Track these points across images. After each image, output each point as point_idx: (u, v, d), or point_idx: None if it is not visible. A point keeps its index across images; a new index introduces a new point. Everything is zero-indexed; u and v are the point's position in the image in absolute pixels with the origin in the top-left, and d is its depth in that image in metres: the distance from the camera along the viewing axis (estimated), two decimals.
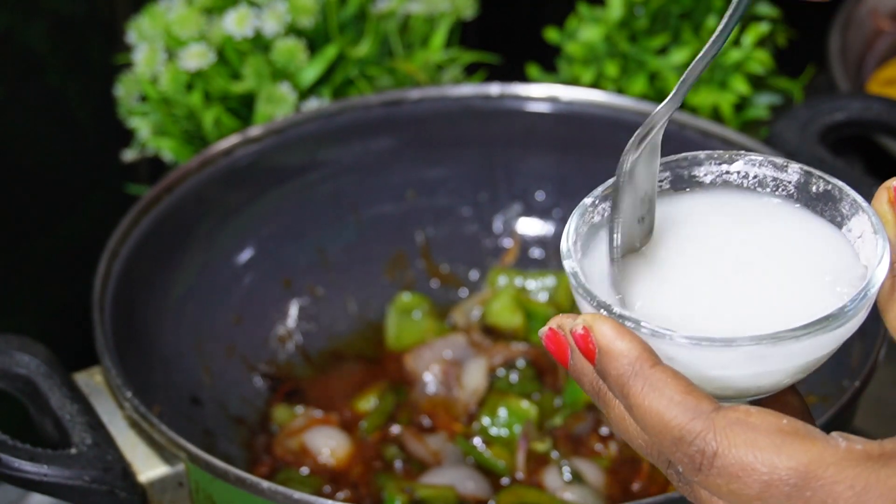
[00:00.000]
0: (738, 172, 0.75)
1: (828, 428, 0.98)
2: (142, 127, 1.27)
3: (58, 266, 1.34)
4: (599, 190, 0.74)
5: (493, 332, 1.22)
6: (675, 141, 1.21)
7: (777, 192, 0.75)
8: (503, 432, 1.13)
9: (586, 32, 1.26)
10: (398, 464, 1.11)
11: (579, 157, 1.26)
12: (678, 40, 1.27)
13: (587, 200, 0.73)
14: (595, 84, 1.28)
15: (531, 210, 1.28)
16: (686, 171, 0.75)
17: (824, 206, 0.73)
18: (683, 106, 1.28)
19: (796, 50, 1.35)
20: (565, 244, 0.71)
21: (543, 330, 0.70)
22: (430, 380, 1.16)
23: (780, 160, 0.74)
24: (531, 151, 1.26)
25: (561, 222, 1.28)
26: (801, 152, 1.18)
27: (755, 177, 0.75)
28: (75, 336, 1.31)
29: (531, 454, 1.11)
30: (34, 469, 0.94)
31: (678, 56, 1.26)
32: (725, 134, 1.19)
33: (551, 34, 1.30)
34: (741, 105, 1.29)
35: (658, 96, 1.27)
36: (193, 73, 1.23)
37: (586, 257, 0.72)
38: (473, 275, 1.28)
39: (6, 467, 0.94)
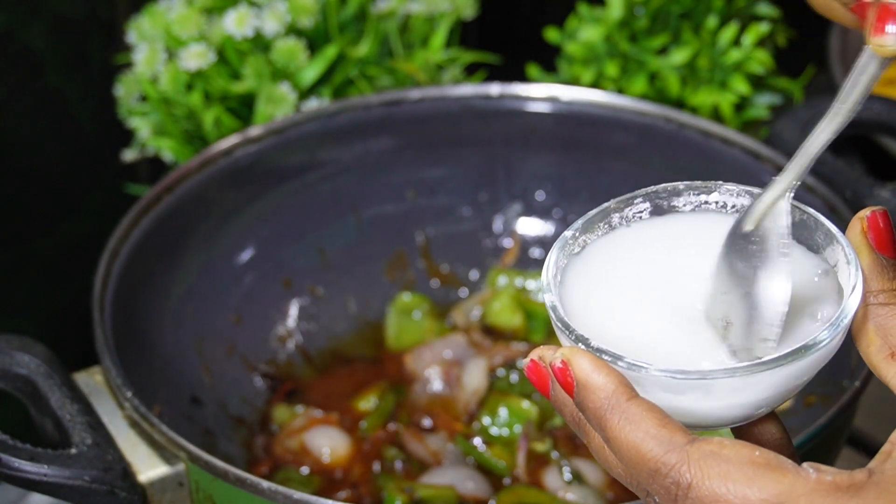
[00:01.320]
0: (717, 203, 0.75)
1: (828, 427, 0.98)
2: (142, 127, 1.27)
3: (58, 266, 1.34)
4: (580, 222, 0.74)
5: (493, 332, 1.22)
6: (676, 141, 1.22)
7: None
8: (503, 432, 1.13)
9: (586, 32, 1.26)
10: (398, 464, 1.11)
11: (579, 157, 1.26)
12: (678, 40, 1.27)
13: (567, 233, 0.74)
14: (595, 84, 1.28)
15: (531, 210, 1.28)
16: (665, 201, 0.76)
17: (801, 235, 0.74)
18: (683, 106, 1.28)
19: (796, 50, 1.35)
20: (545, 277, 0.72)
21: (525, 361, 0.71)
22: (430, 380, 1.17)
23: (756, 190, 0.74)
24: (531, 151, 1.27)
25: (561, 222, 1.28)
26: None
27: (733, 206, 0.75)
28: (75, 336, 1.31)
29: (531, 454, 1.11)
30: (34, 469, 0.94)
31: (678, 56, 1.26)
32: (725, 134, 1.19)
33: (551, 34, 1.30)
34: (741, 105, 1.29)
35: (658, 96, 1.28)
36: (193, 73, 1.23)
37: (567, 289, 0.73)
38: (473, 275, 1.28)
39: (6, 467, 0.94)
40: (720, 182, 0.76)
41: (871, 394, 1.02)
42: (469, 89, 1.25)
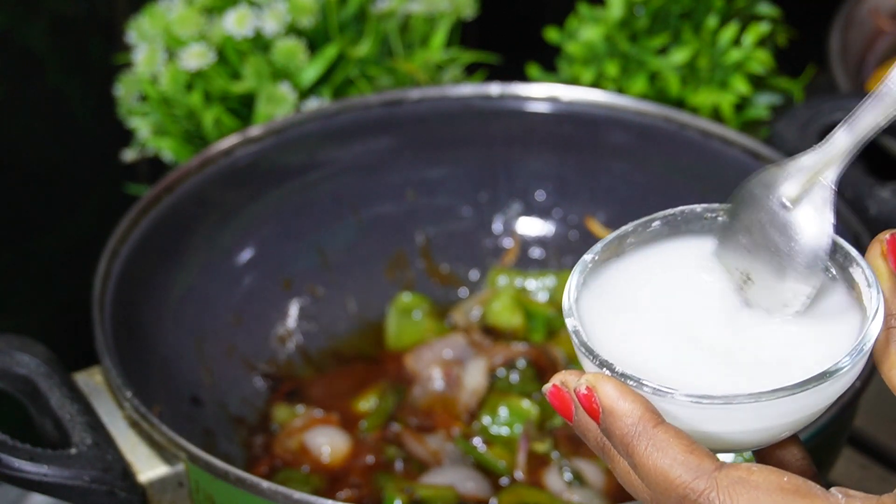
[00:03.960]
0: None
1: (828, 427, 0.98)
2: (142, 127, 1.27)
3: (58, 266, 1.34)
4: (599, 246, 0.74)
5: (493, 332, 1.22)
6: (676, 141, 1.22)
7: None
8: (504, 432, 1.13)
9: (586, 32, 1.26)
10: (398, 463, 1.11)
11: (579, 157, 1.26)
12: (678, 40, 1.27)
13: (587, 257, 0.74)
14: (595, 84, 1.28)
15: (531, 210, 1.28)
16: (683, 224, 0.76)
17: None
18: (683, 106, 1.28)
19: (797, 50, 1.35)
20: (567, 302, 0.72)
21: (547, 386, 0.71)
22: (431, 380, 1.17)
23: None
24: (531, 151, 1.27)
25: (561, 222, 1.28)
26: (802, 152, 1.17)
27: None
28: (75, 336, 1.31)
29: (531, 454, 1.11)
30: (34, 469, 0.94)
31: (678, 56, 1.26)
32: (726, 134, 1.19)
33: (552, 34, 1.30)
34: (741, 105, 1.29)
35: (658, 96, 1.28)
36: (193, 73, 1.23)
37: (588, 313, 0.73)
38: (473, 275, 1.28)
39: (6, 467, 0.94)
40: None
41: (871, 394, 1.02)
42: (469, 89, 1.25)
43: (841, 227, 1.11)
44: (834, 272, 0.73)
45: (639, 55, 1.27)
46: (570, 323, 0.71)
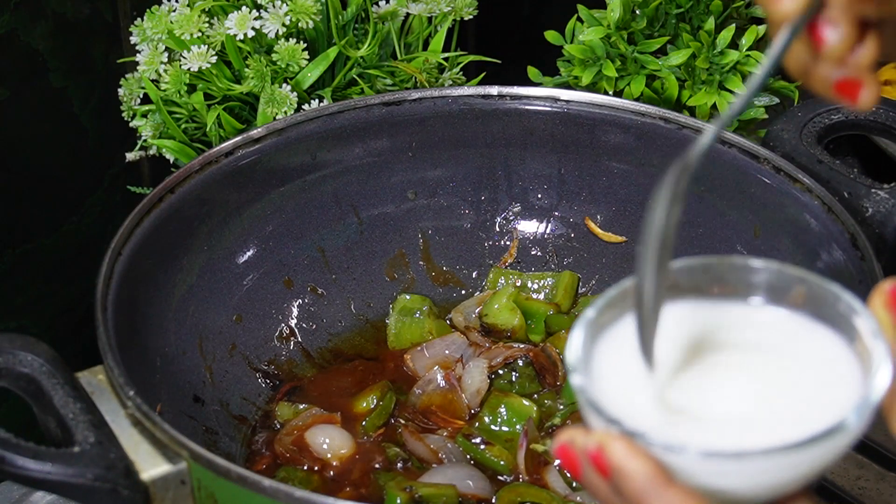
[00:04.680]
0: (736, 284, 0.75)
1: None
2: (144, 128, 1.27)
3: (61, 266, 1.34)
4: (601, 302, 0.74)
5: (492, 332, 1.22)
6: (674, 141, 1.22)
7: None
8: (504, 430, 1.14)
9: (586, 34, 1.27)
10: (399, 463, 1.12)
11: (579, 157, 1.26)
12: (676, 42, 1.28)
13: (590, 313, 0.73)
14: (594, 85, 1.28)
15: (531, 210, 1.29)
16: (684, 282, 0.76)
17: (821, 310, 0.73)
18: (681, 107, 1.28)
19: None
20: (573, 358, 0.71)
21: (554, 444, 0.71)
22: (431, 379, 1.17)
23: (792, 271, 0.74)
24: (531, 152, 1.27)
25: (560, 222, 1.28)
26: (799, 153, 1.18)
27: (757, 287, 0.75)
28: (78, 335, 1.32)
29: (531, 453, 1.11)
30: (38, 467, 0.94)
31: (676, 57, 1.26)
32: (724, 134, 1.20)
33: (552, 35, 1.30)
34: None
35: (656, 97, 1.28)
36: (195, 74, 1.23)
37: (592, 369, 0.72)
38: (473, 275, 1.28)
39: (10, 465, 0.94)
40: (738, 260, 0.75)
41: None
42: (469, 90, 1.25)
43: (838, 228, 1.12)
44: (836, 323, 0.72)
45: (637, 57, 1.27)
46: (575, 379, 0.71)
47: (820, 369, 0.71)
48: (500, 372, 1.18)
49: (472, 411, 1.16)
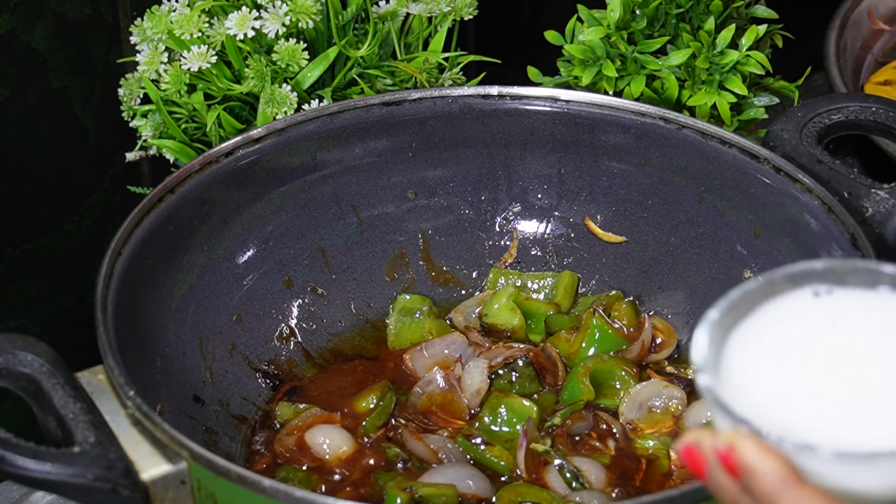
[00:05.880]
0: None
1: None
2: (144, 128, 1.27)
3: (61, 266, 1.34)
4: (725, 303, 0.74)
5: (492, 332, 1.22)
6: (674, 141, 1.22)
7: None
8: (504, 430, 1.14)
9: (586, 34, 1.27)
10: (399, 463, 1.12)
11: (579, 157, 1.26)
12: (676, 42, 1.28)
13: (714, 315, 0.74)
14: (594, 85, 1.28)
15: (531, 210, 1.29)
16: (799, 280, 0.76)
17: None
18: (681, 107, 1.28)
19: (794, 51, 1.36)
20: (700, 359, 0.72)
21: (678, 446, 0.71)
22: (431, 379, 1.17)
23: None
24: (531, 152, 1.27)
25: (561, 222, 1.28)
26: (799, 153, 1.18)
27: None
28: (78, 335, 1.32)
29: (531, 453, 1.11)
30: (38, 467, 0.94)
31: (676, 57, 1.26)
32: (724, 135, 1.20)
33: (552, 36, 1.30)
34: (739, 106, 1.29)
35: (657, 97, 1.28)
36: (195, 74, 1.23)
37: (720, 370, 0.73)
38: (473, 275, 1.28)
39: (10, 465, 0.94)
40: (862, 263, 0.76)
41: None
42: (469, 89, 1.25)
43: (838, 228, 1.12)
44: None
45: (637, 57, 1.27)
46: (703, 379, 0.71)
47: None
48: (500, 372, 1.18)
49: (472, 411, 1.16)
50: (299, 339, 1.23)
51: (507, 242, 1.29)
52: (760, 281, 0.75)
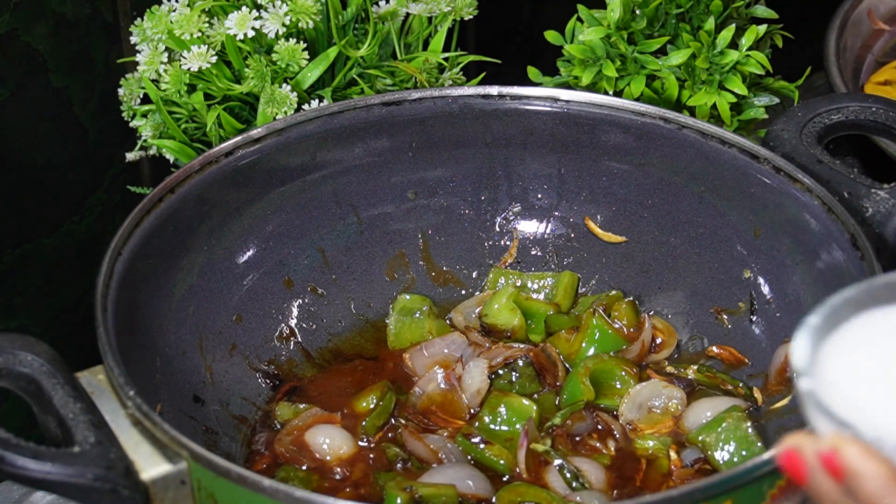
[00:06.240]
0: None
1: None
2: (144, 128, 1.27)
3: (61, 266, 1.35)
4: (825, 309, 0.75)
5: (492, 332, 1.23)
6: (675, 141, 1.22)
7: None
8: (504, 430, 1.14)
9: (586, 34, 1.27)
10: (399, 463, 1.12)
11: (579, 157, 1.26)
12: (676, 42, 1.28)
13: (814, 320, 0.75)
14: (594, 85, 1.28)
15: (531, 210, 1.29)
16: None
17: None
18: (681, 107, 1.28)
19: (794, 51, 1.36)
20: (800, 363, 0.73)
21: (779, 450, 0.71)
22: (431, 379, 1.17)
23: None
24: (531, 152, 1.27)
25: (561, 222, 1.28)
26: (799, 153, 1.18)
27: None
28: (78, 335, 1.32)
29: (531, 453, 1.11)
30: (38, 467, 0.94)
31: (676, 57, 1.26)
32: (724, 134, 1.20)
33: (552, 35, 1.30)
34: (739, 106, 1.29)
35: (657, 97, 1.28)
36: (195, 74, 1.23)
37: (820, 375, 0.73)
38: (473, 275, 1.28)
39: (10, 465, 0.94)
40: None
41: None
42: (469, 90, 1.25)
43: (838, 228, 1.12)
44: None
45: (637, 57, 1.27)
46: (805, 383, 0.71)
47: None
48: (500, 372, 1.18)
49: (472, 411, 1.16)
50: (299, 339, 1.23)
51: (507, 242, 1.29)
52: (860, 287, 0.76)
